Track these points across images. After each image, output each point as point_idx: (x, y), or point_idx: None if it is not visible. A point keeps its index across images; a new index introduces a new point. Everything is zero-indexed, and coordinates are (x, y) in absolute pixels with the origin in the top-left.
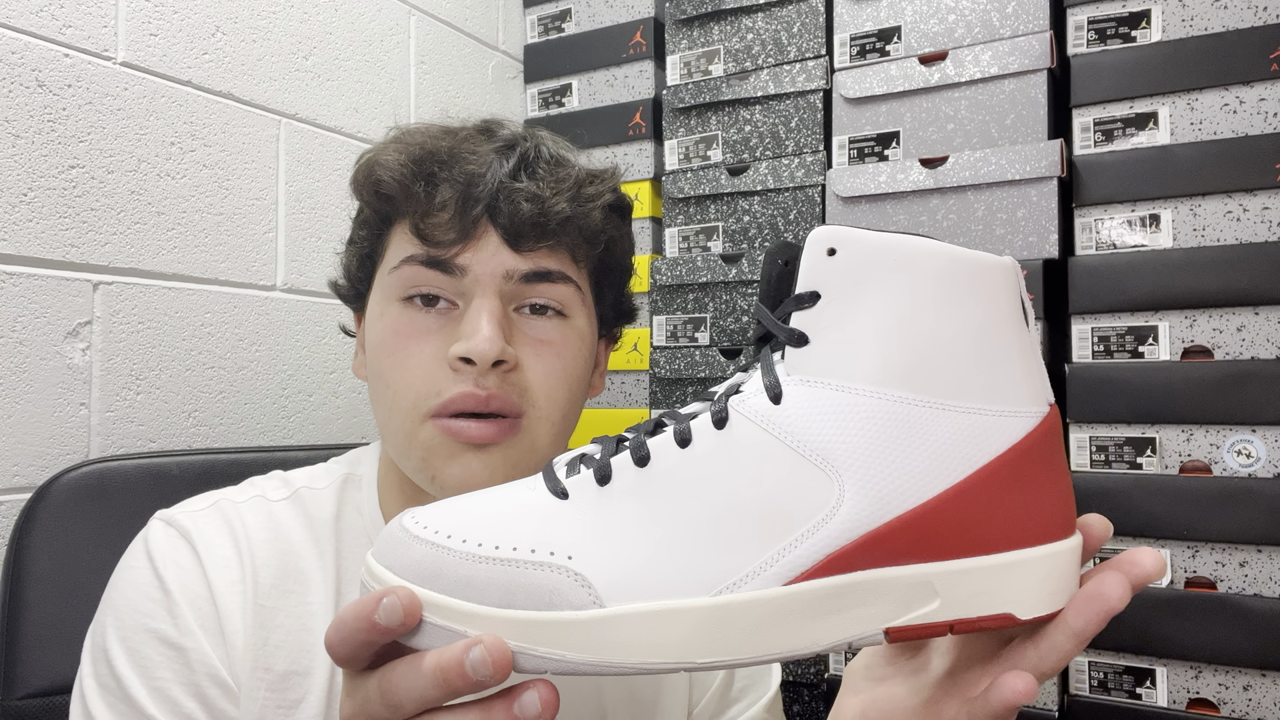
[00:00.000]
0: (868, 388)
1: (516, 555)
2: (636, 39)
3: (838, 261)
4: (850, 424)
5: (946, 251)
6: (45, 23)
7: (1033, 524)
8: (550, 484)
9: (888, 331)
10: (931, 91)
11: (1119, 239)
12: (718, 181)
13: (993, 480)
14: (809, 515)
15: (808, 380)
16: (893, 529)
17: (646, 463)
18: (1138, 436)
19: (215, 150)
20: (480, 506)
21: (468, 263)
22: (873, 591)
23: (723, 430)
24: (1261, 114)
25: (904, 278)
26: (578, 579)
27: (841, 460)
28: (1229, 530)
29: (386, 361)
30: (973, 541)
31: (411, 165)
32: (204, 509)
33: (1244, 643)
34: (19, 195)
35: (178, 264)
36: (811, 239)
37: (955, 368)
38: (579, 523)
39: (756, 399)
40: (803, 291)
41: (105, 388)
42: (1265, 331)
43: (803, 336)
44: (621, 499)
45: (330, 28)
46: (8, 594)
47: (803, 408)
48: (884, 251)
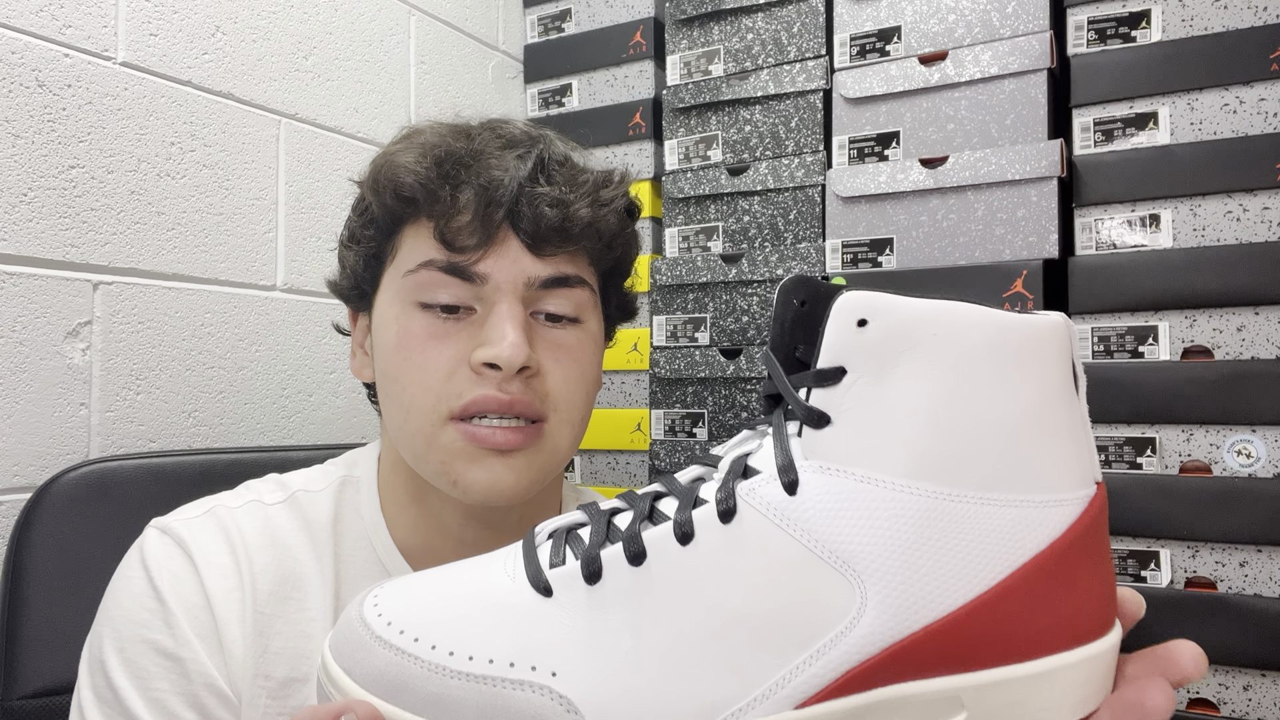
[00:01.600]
0: (898, 480)
1: (493, 671)
2: (636, 39)
3: (869, 334)
4: (877, 522)
5: (994, 320)
6: (45, 23)
7: (1073, 625)
8: (531, 573)
9: (924, 415)
10: (931, 91)
11: (1119, 239)
12: (718, 181)
13: (1032, 580)
14: (827, 627)
15: (828, 468)
16: (920, 640)
17: (642, 560)
18: (1138, 436)
19: (215, 150)
20: (452, 598)
21: (489, 270)
22: (895, 710)
23: (730, 525)
24: (1261, 114)
25: (946, 354)
26: (562, 703)
27: (865, 564)
28: (1229, 530)
29: (402, 365)
30: (1007, 650)
31: (435, 167)
32: (199, 516)
33: (1244, 643)
34: (19, 195)
35: (178, 264)
36: (839, 307)
37: (1000, 455)
38: (564, 630)
39: (768, 488)
40: (825, 367)
41: (105, 388)
42: (1265, 331)
43: (824, 417)
44: (613, 603)
45: (330, 28)
46: (8, 594)
47: (823, 501)
48: (923, 322)
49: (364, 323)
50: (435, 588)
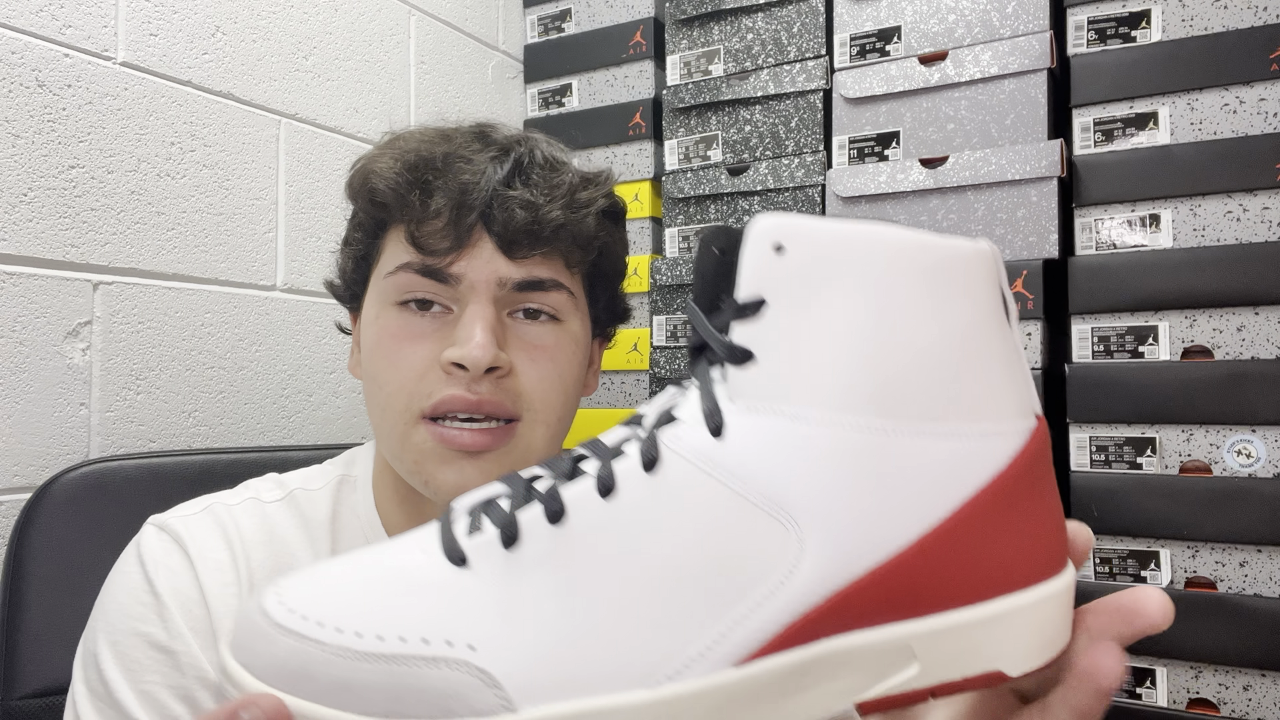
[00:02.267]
0: (829, 415)
1: (405, 649)
2: (636, 39)
3: (787, 261)
4: (809, 461)
5: (917, 241)
6: (45, 23)
7: (1023, 563)
8: (446, 543)
9: (852, 344)
10: (931, 91)
11: (1119, 239)
12: (718, 181)
13: (979, 516)
14: (763, 576)
15: (755, 408)
16: (864, 586)
17: (561, 518)
18: (1138, 436)
19: (215, 150)
20: (361, 580)
21: (462, 271)
22: (842, 663)
23: (653, 473)
24: (1261, 114)
25: (868, 277)
26: (482, 677)
27: (800, 506)
28: (1229, 530)
29: (380, 363)
30: (956, 592)
31: (406, 173)
32: (197, 513)
33: (1244, 643)
34: (19, 195)
35: (178, 264)
36: (754, 234)
37: (933, 383)
38: (482, 600)
39: (693, 433)
40: (745, 299)
41: (105, 388)
42: (1265, 331)
43: (746, 353)
44: (533, 567)
45: (330, 28)
46: (8, 594)
47: (751, 442)
48: (843, 245)
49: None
50: (343, 572)
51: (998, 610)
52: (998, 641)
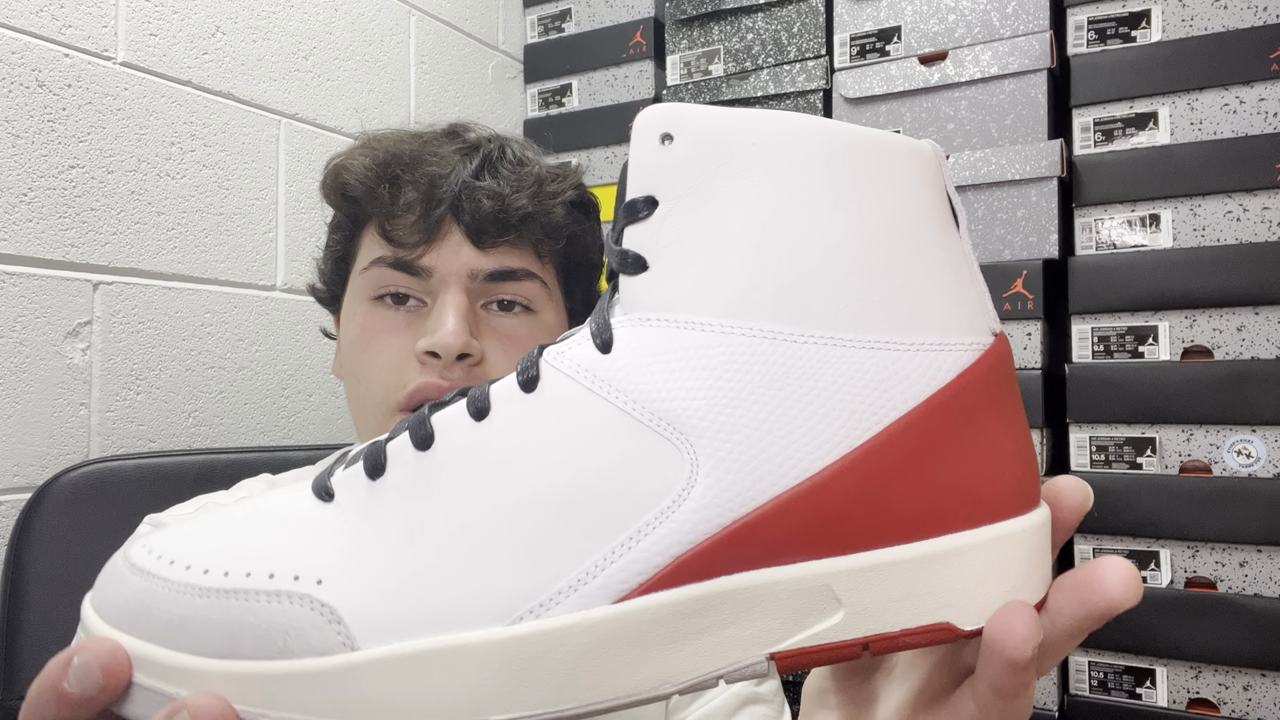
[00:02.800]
0: (727, 321)
1: (248, 584)
2: (636, 39)
3: (676, 151)
4: (705, 373)
5: (826, 129)
6: (45, 23)
7: (975, 497)
8: (317, 479)
9: (751, 242)
10: (931, 91)
11: (1119, 239)
12: None
13: (910, 438)
14: (649, 503)
15: (647, 319)
16: (769, 515)
17: (429, 444)
18: (1138, 436)
19: (215, 150)
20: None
21: (433, 263)
22: (747, 604)
23: (532, 394)
24: (1261, 114)
25: (769, 165)
26: (323, 611)
27: (693, 424)
28: (1229, 530)
29: (358, 358)
30: (886, 526)
31: (376, 169)
32: (190, 513)
33: (1244, 643)
34: (19, 195)
35: (178, 264)
36: (640, 123)
37: (850, 287)
38: (337, 533)
39: (579, 348)
40: (635, 196)
41: (105, 388)
42: (1265, 331)
43: (638, 259)
44: (395, 497)
45: (330, 28)
46: (8, 594)
47: (639, 355)
48: (738, 131)
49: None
50: (218, 516)
51: (940, 549)
52: (943, 588)
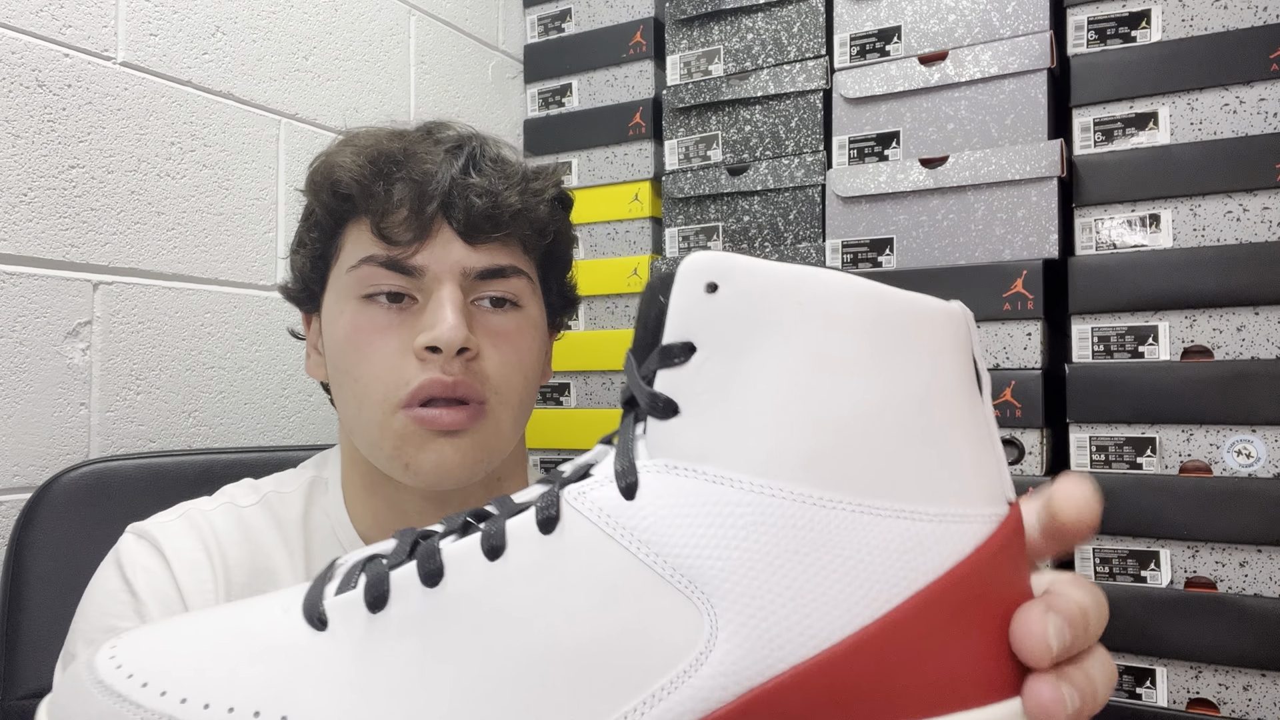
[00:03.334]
0: (757, 480)
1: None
2: (636, 39)
3: (721, 301)
4: (731, 530)
5: (870, 291)
6: (45, 23)
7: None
8: (309, 602)
9: (787, 402)
10: (931, 91)
11: (1119, 239)
12: (718, 181)
13: (931, 612)
14: (668, 665)
15: (675, 467)
16: (786, 684)
17: (438, 580)
18: (1138, 436)
19: (215, 150)
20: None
21: (425, 262)
22: None
23: (551, 535)
24: (1261, 114)
25: (811, 326)
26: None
27: (716, 583)
28: (1229, 530)
29: (352, 357)
30: (900, 702)
31: (369, 165)
32: (173, 519)
33: (1244, 643)
34: (19, 195)
35: (178, 264)
36: (685, 270)
37: (881, 454)
38: (332, 669)
39: (602, 491)
40: (672, 342)
41: (105, 388)
42: (1265, 331)
43: (670, 404)
44: (396, 635)
45: (330, 28)
46: (8, 594)
47: (665, 505)
48: (785, 289)
49: (316, 324)
50: (193, 628)
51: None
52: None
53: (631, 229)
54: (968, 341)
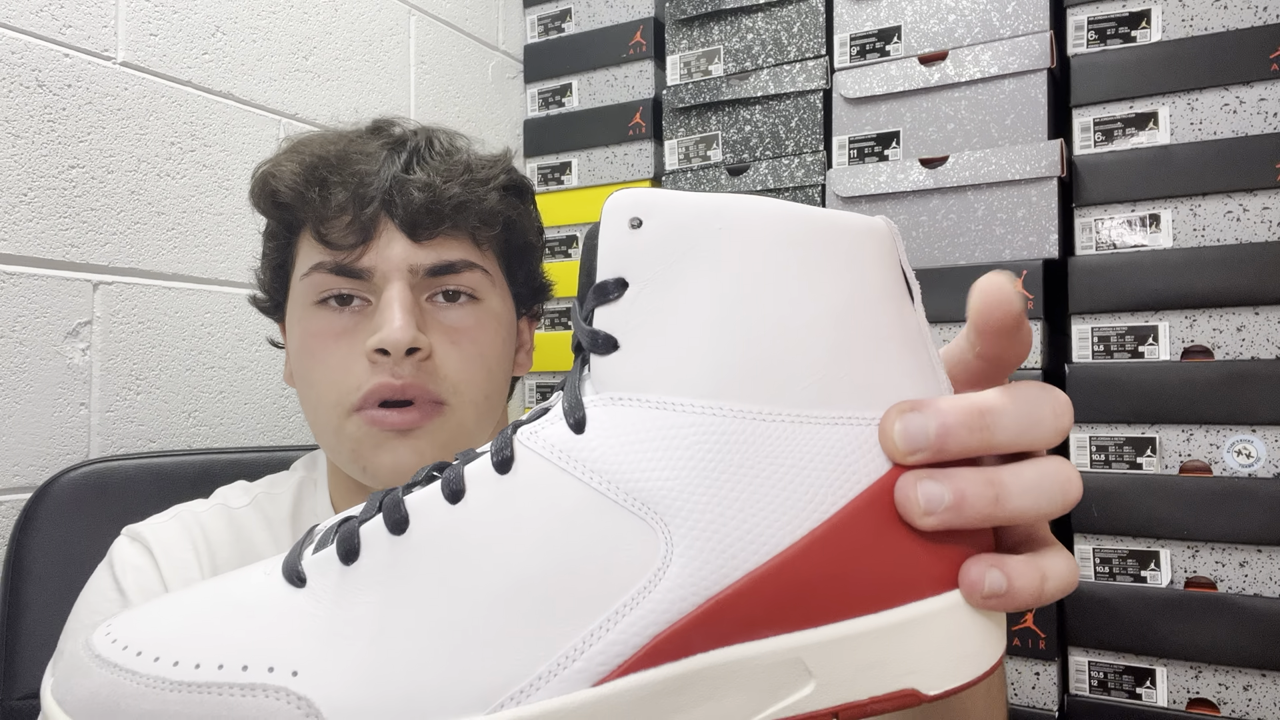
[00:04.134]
0: (697, 401)
1: (221, 677)
2: (636, 39)
3: (646, 235)
4: (676, 452)
5: (790, 212)
6: (45, 23)
7: (935, 566)
8: (287, 563)
9: (719, 324)
10: (931, 91)
11: (1119, 239)
12: (718, 181)
13: (874, 512)
14: (625, 584)
15: (619, 398)
16: (742, 592)
17: (404, 527)
18: (1138, 436)
19: (215, 150)
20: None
21: (372, 263)
22: (724, 680)
23: (507, 475)
24: (1261, 114)
25: (735, 250)
26: (299, 705)
27: (666, 503)
28: (1229, 530)
29: (307, 363)
30: (852, 598)
31: (304, 173)
32: (165, 520)
33: (1244, 643)
34: (19, 195)
35: (178, 264)
36: (609, 207)
37: (815, 365)
38: (310, 621)
39: (553, 428)
40: (605, 279)
41: (105, 388)
42: (1265, 331)
43: (609, 339)
44: (370, 583)
45: (330, 28)
46: (8, 594)
47: (612, 435)
48: (705, 217)
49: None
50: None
51: (902, 618)
52: (907, 655)
53: None
54: (894, 253)
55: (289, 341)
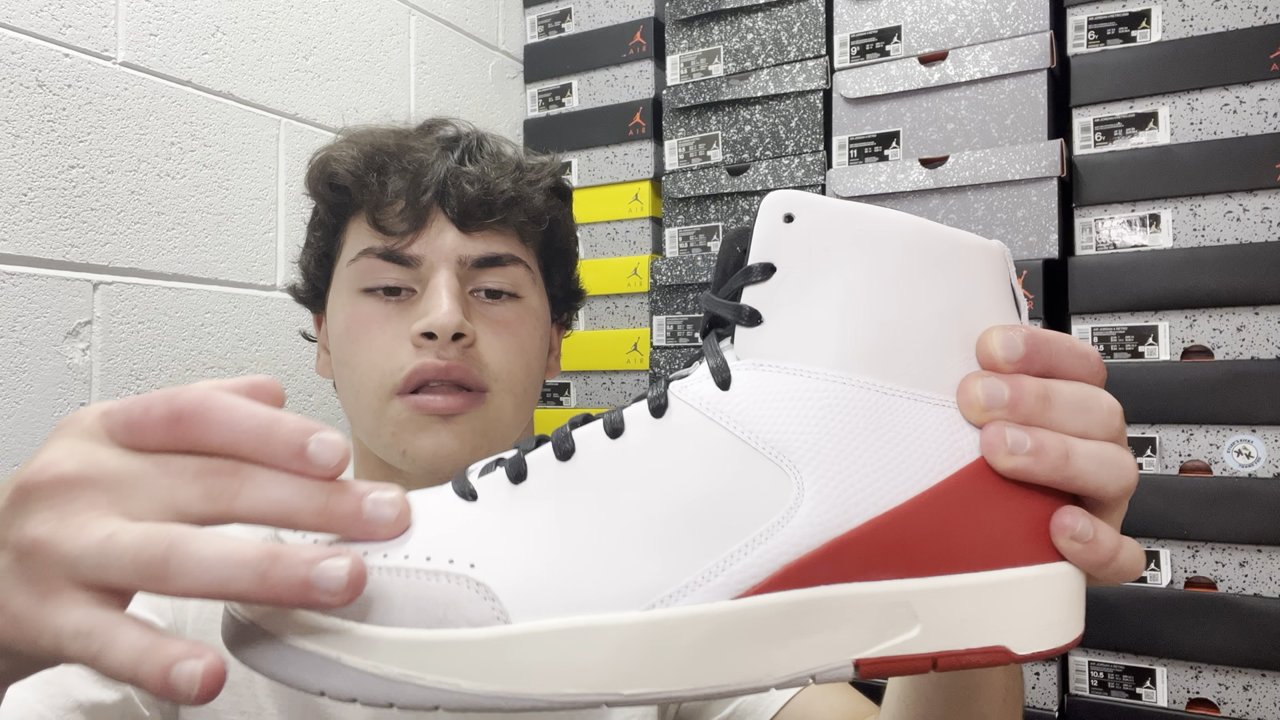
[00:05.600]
0: (830, 371)
1: (409, 564)
2: (636, 39)
3: (795, 229)
4: (810, 412)
5: (917, 225)
6: (45, 23)
7: (1025, 541)
8: (458, 486)
9: (851, 309)
10: (931, 91)
11: (1119, 239)
12: (718, 181)
13: (974, 485)
14: (762, 517)
15: (761, 364)
16: (861, 536)
17: (570, 456)
18: (1138, 436)
19: (215, 150)
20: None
21: (421, 252)
22: (840, 612)
23: (661, 419)
24: (1261, 114)
25: (869, 250)
26: (479, 590)
27: (800, 454)
28: (1229, 530)
29: (350, 347)
30: (957, 555)
31: (364, 159)
32: None
33: (1244, 643)
34: (19, 195)
35: (178, 264)
36: (766, 204)
37: (929, 354)
38: (486, 525)
39: (702, 384)
40: (755, 263)
41: (105, 388)
42: (1265, 331)
43: (755, 314)
44: (538, 498)
45: (330, 28)
46: None
47: (755, 394)
48: (847, 220)
49: (325, 324)
50: None
51: (1001, 579)
52: (1003, 615)
53: (631, 229)
54: (1004, 271)
55: (330, 327)
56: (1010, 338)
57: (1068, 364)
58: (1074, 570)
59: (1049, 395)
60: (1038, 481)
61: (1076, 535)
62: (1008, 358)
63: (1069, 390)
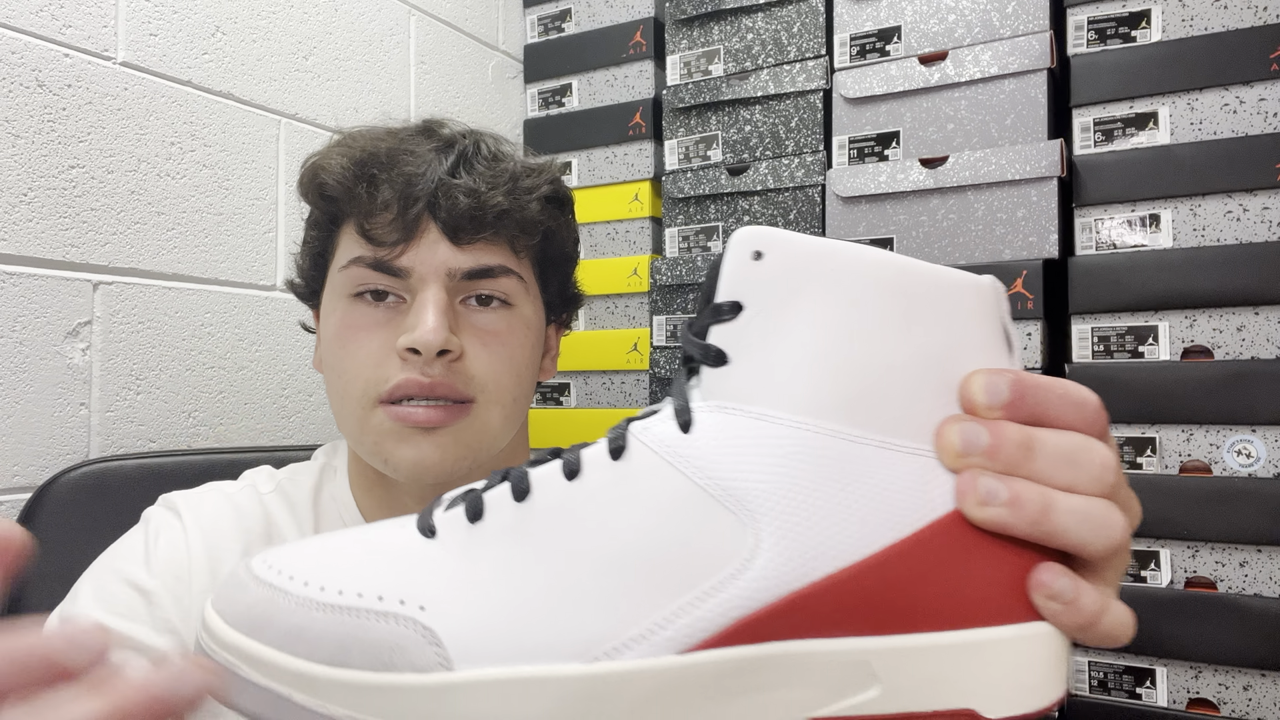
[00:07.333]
0: (795, 417)
1: (360, 603)
2: (636, 39)
3: (764, 267)
4: (771, 459)
5: (896, 265)
6: (45, 23)
7: (1002, 595)
8: (421, 517)
9: (821, 352)
10: (931, 91)
11: (1119, 239)
12: (718, 181)
13: (947, 539)
14: (715, 568)
15: (725, 406)
16: (819, 591)
17: (526, 496)
18: (1138, 436)
19: (215, 150)
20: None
21: (411, 263)
22: (794, 670)
23: (619, 461)
24: (1261, 114)
25: (842, 290)
26: (425, 634)
27: (758, 503)
28: (1229, 530)
29: (339, 353)
30: (923, 613)
31: (353, 168)
32: (201, 492)
33: (1244, 643)
34: (19, 195)
35: (178, 264)
36: (734, 240)
37: (903, 399)
38: (440, 566)
39: (663, 426)
40: (722, 301)
41: (105, 388)
42: (1265, 331)
43: (721, 354)
44: (493, 540)
45: (330, 28)
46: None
47: (716, 438)
48: (819, 258)
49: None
50: (328, 541)
51: (969, 640)
52: (973, 675)
53: (631, 229)
54: (995, 311)
55: (322, 329)
56: (994, 382)
57: (1058, 412)
58: (1054, 631)
59: (1032, 444)
60: (1015, 534)
61: (1054, 594)
62: (990, 403)
63: (1056, 440)
